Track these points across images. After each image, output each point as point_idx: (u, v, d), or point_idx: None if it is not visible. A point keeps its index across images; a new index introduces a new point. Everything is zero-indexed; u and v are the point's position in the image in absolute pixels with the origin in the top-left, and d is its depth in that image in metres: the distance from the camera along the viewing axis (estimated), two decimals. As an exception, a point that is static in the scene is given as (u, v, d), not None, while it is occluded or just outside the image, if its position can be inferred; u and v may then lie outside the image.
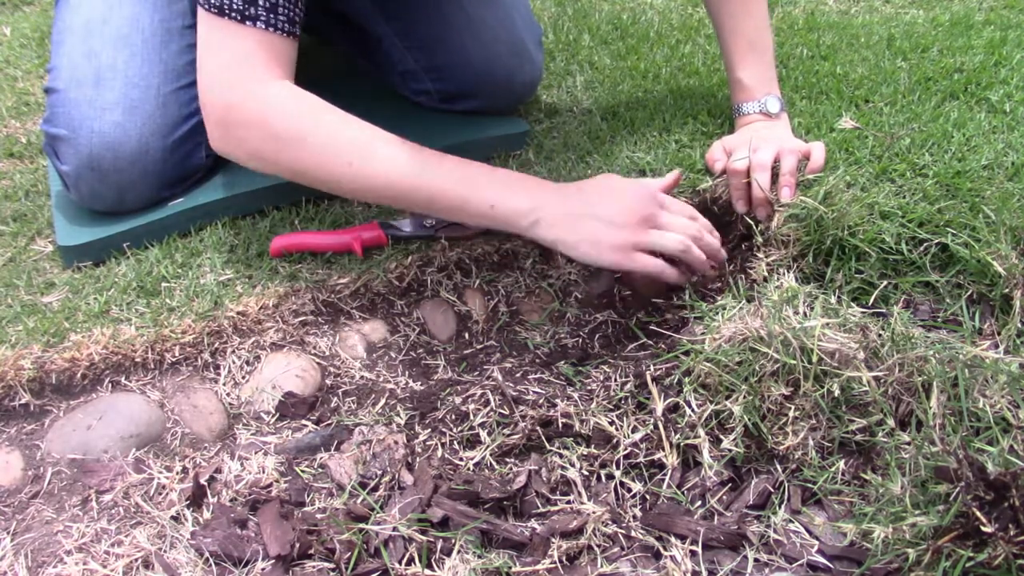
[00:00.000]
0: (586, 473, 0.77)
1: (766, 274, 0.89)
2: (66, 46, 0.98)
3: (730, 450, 0.76)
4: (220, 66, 0.86)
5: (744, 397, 0.76)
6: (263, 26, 0.85)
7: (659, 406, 0.79)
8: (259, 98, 0.85)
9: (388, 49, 1.16)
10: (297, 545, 0.70)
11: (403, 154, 0.86)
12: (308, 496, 0.76)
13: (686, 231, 0.87)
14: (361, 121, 0.87)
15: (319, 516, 0.73)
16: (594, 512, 0.72)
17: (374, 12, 1.14)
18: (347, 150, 0.86)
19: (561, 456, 0.78)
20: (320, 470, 0.79)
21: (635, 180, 0.89)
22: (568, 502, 0.75)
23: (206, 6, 0.85)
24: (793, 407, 0.74)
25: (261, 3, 0.84)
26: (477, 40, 1.12)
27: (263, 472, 0.78)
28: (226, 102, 0.86)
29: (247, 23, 0.84)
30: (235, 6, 0.83)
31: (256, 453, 0.80)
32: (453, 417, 0.83)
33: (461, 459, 0.80)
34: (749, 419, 0.75)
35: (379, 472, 0.77)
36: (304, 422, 0.84)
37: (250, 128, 0.86)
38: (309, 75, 1.35)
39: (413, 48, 1.14)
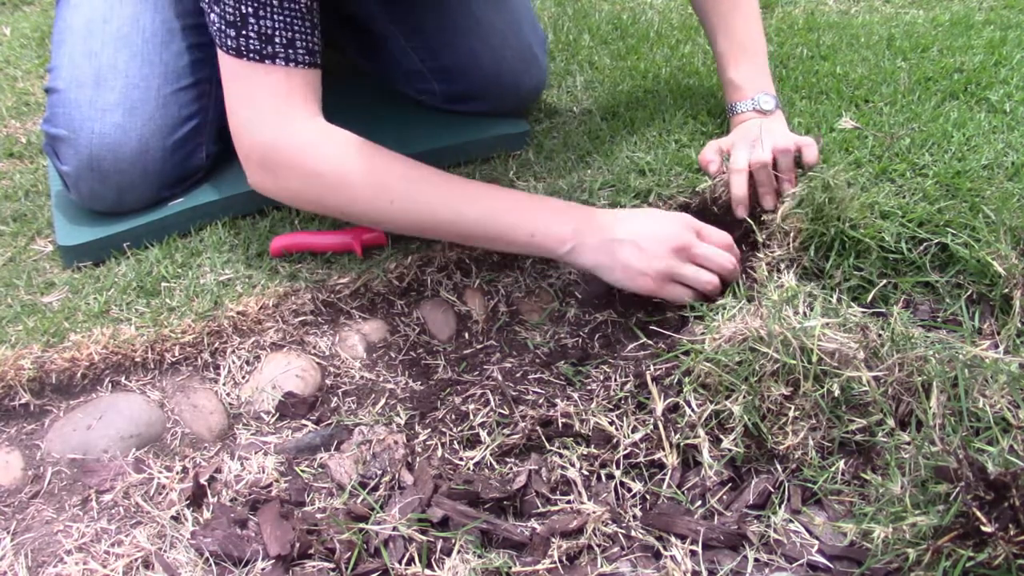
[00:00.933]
0: (586, 473, 0.77)
1: (766, 273, 0.89)
2: (67, 46, 0.97)
3: (730, 450, 0.76)
4: (247, 109, 0.86)
5: (744, 397, 0.76)
6: (283, 63, 0.84)
7: (659, 406, 0.79)
8: (293, 140, 0.85)
9: (393, 48, 1.16)
10: (297, 545, 0.70)
11: (444, 189, 0.87)
12: (308, 496, 0.76)
13: (721, 267, 0.88)
14: (398, 156, 0.88)
15: (319, 516, 0.73)
16: (594, 512, 0.72)
17: (381, 13, 1.13)
18: (389, 188, 0.86)
19: (561, 456, 0.78)
20: (320, 470, 0.79)
21: (674, 213, 0.90)
22: (568, 502, 0.75)
23: (224, 48, 0.85)
24: (793, 407, 0.74)
25: (278, 40, 0.83)
26: (485, 44, 1.12)
27: (263, 472, 0.78)
28: (261, 146, 0.86)
29: (266, 62, 0.84)
30: (252, 47, 0.83)
31: (256, 453, 0.80)
32: (453, 417, 0.83)
33: (461, 459, 0.80)
34: (749, 419, 0.75)
35: (379, 472, 0.77)
36: (304, 422, 0.84)
37: (290, 170, 0.86)
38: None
39: (419, 49, 1.14)
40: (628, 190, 1.01)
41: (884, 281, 0.88)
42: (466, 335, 0.95)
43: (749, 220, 0.96)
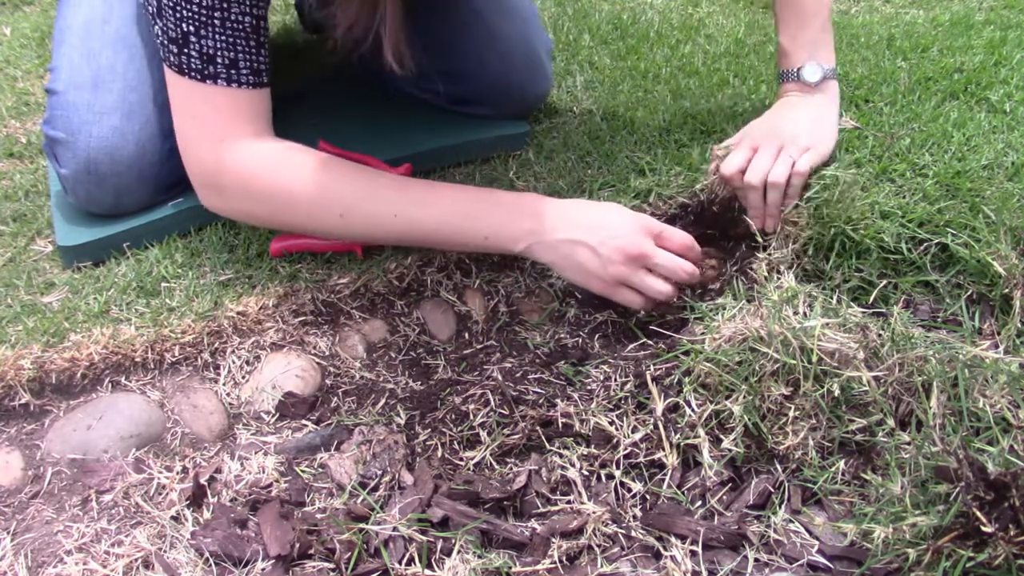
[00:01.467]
0: (586, 473, 0.77)
1: (766, 274, 0.89)
2: (66, 46, 0.97)
3: (730, 450, 0.76)
4: (190, 128, 0.85)
5: (744, 397, 0.76)
6: (224, 83, 0.83)
7: (659, 406, 0.79)
8: (237, 162, 0.84)
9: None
10: (297, 545, 0.70)
11: (394, 197, 0.86)
12: (308, 496, 0.76)
13: (677, 277, 0.86)
14: (348, 166, 0.87)
15: (319, 516, 0.73)
16: (594, 512, 0.72)
17: None
18: (338, 202, 0.85)
19: (561, 456, 0.78)
20: (320, 470, 0.79)
21: (636, 214, 0.88)
22: (568, 502, 0.75)
23: (167, 63, 0.83)
24: (793, 407, 0.74)
25: (220, 61, 0.82)
26: (494, 51, 1.12)
27: (263, 472, 0.78)
28: (204, 167, 0.86)
29: (208, 82, 0.83)
30: (194, 65, 0.82)
31: (256, 453, 0.80)
32: (453, 417, 0.83)
33: (461, 459, 0.80)
34: (749, 419, 0.75)
35: (379, 472, 0.77)
36: (304, 422, 0.84)
37: (236, 191, 0.86)
38: (312, 73, 1.35)
39: (427, 49, 1.14)
40: (628, 190, 1.01)
41: (884, 281, 0.88)
42: (466, 335, 0.95)
43: (749, 219, 0.96)
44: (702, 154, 1.05)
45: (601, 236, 0.85)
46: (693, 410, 0.78)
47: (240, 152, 0.85)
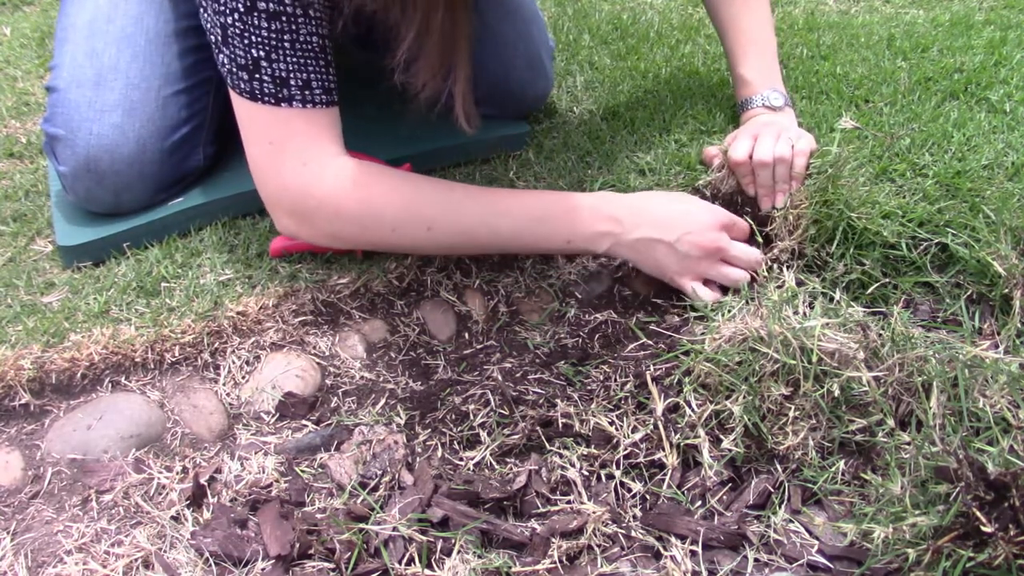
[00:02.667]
0: (586, 473, 0.77)
1: (767, 271, 0.89)
2: (69, 44, 0.97)
3: (730, 450, 0.76)
4: (269, 154, 0.83)
5: (744, 397, 0.76)
6: (300, 105, 0.82)
7: (659, 406, 0.79)
8: (323, 182, 0.83)
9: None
10: (297, 545, 0.70)
11: (476, 207, 0.87)
12: (308, 496, 0.76)
13: (750, 266, 0.90)
14: (427, 180, 0.88)
15: (319, 516, 0.73)
16: (594, 512, 0.72)
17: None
18: (423, 217, 0.86)
19: (561, 456, 0.78)
20: (320, 470, 0.79)
21: (711, 207, 0.91)
22: (568, 502, 0.75)
23: (237, 91, 0.82)
24: (793, 407, 0.74)
25: (293, 83, 0.81)
26: (495, 52, 1.12)
27: (263, 472, 0.78)
28: (289, 194, 0.84)
29: (283, 105, 0.81)
30: (267, 90, 0.81)
31: (256, 453, 0.80)
32: (453, 417, 0.83)
33: (461, 459, 0.80)
34: (749, 419, 0.75)
35: (379, 472, 0.77)
36: (304, 422, 0.84)
37: (323, 213, 0.85)
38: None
39: None
40: (628, 190, 1.01)
41: (885, 280, 0.88)
42: (466, 335, 0.95)
43: (750, 220, 0.96)
44: (701, 154, 1.05)
45: (678, 232, 0.87)
46: (693, 410, 0.78)
47: (324, 173, 0.83)
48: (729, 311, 0.82)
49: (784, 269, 0.89)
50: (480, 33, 1.11)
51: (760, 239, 0.95)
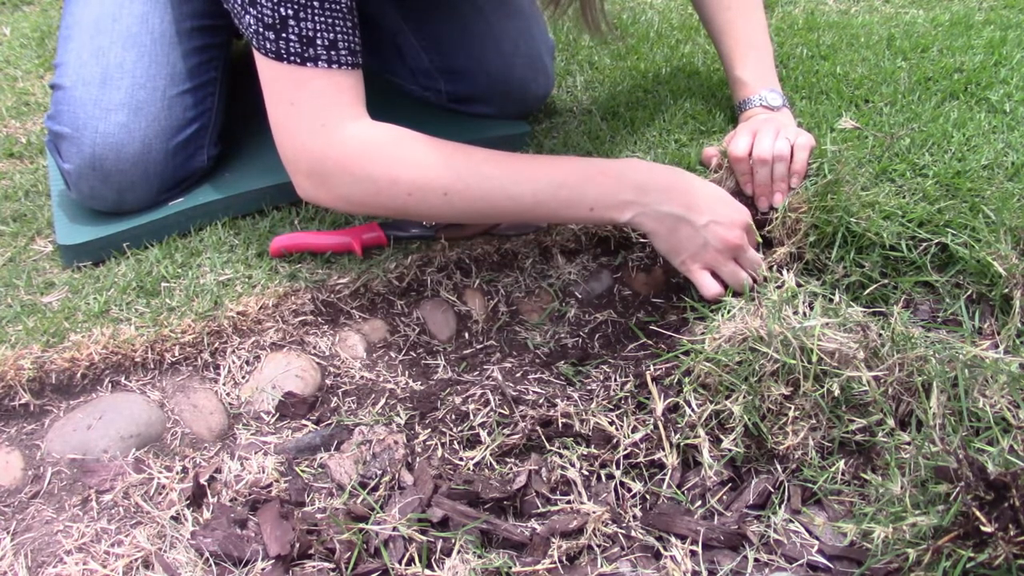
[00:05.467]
0: (586, 473, 0.77)
1: (766, 273, 0.89)
2: (74, 42, 0.97)
3: (730, 450, 0.76)
4: (291, 115, 0.83)
5: (744, 397, 0.76)
6: (326, 65, 0.81)
7: (659, 406, 0.79)
8: (341, 143, 0.83)
9: (402, 44, 1.15)
10: (297, 545, 0.70)
11: (497, 172, 0.85)
12: (308, 496, 0.76)
13: (756, 269, 0.89)
14: (447, 144, 0.86)
15: (319, 516, 0.73)
16: (594, 512, 0.72)
17: (393, 10, 1.13)
18: (441, 182, 0.84)
19: (561, 456, 0.78)
20: (320, 470, 0.79)
21: (738, 204, 0.90)
22: (568, 502, 0.75)
23: (262, 51, 0.82)
24: (793, 407, 0.74)
25: (320, 42, 0.81)
26: (496, 50, 1.12)
27: (263, 472, 0.78)
28: (308, 155, 0.84)
29: (308, 65, 0.81)
30: (293, 49, 0.80)
31: (256, 453, 0.80)
32: (453, 417, 0.83)
33: (461, 459, 0.80)
34: (749, 419, 0.75)
35: (379, 472, 0.77)
36: (304, 422, 0.84)
37: (340, 176, 0.84)
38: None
39: (429, 48, 1.14)
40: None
41: (884, 281, 0.88)
42: (466, 335, 0.95)
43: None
44: (700, 153, 1.05)
45: (706, 218, 0.86)
46: (693, 410, 0.78)
47: (344, 135, 0.83)
48: (729, 311, 0.82)
49: (784, 270, 0.89)
50: (481, 32, 1.11)
51: (760, 239, 0.95)
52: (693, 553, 0.70)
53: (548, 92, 1.20)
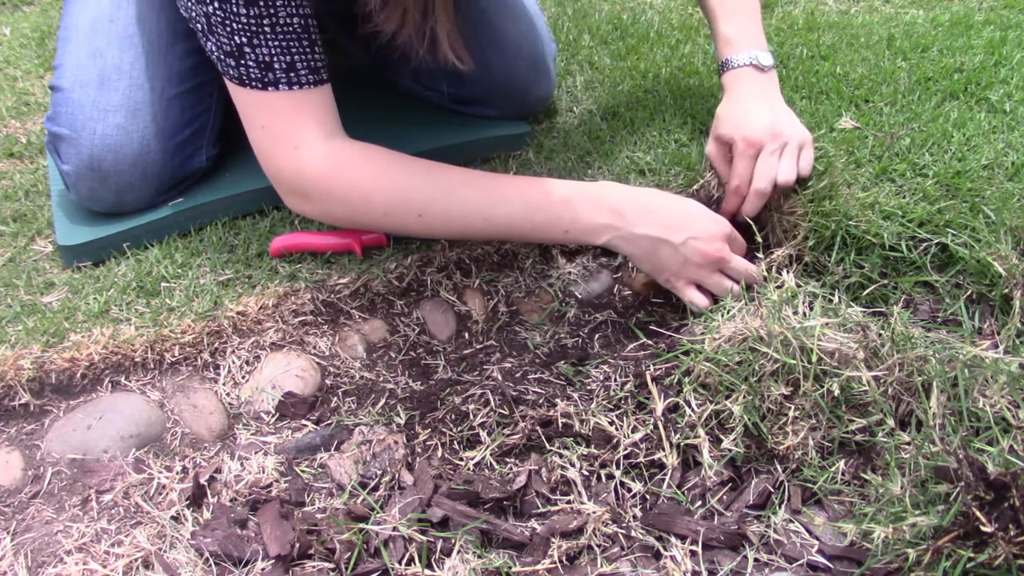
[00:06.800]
0: (586, 473, 0.77)
1: (766, 274, 0.89)
2: (72, 43, 0.97)
3: (730, 450, 0.76)
4: (263, 137, 0.85)
5: (744, 397, 0.76)
6: (286, 87, 0.82)
7: (659, 406, 0.79)
8: (312, 164, 0.84)
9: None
10: (297, 545, 0.70)
11: (471, 194, 0.86)
12: (308, 496, 0.76)
13: (746, 278, 0.89)
14: (420, 164, 0.87)
15: (319, 516, 0.73)
16: (594, 512, 0.72)
17: None
18: (414, 202, 0.85)
19: (561, 456, 0.78)
20: (320, 470, 0.79)
21: (715, 216, 0.89)
22: (568, 502, 0.75)
23: (227, 77, 0.84)
24: (793, 407, 0.74)
25: (277, 66, 0.82)
26: (499, 53, 1.12)
27: (263, 472, 0.78)
28: (286, 174, 0.86)
29: (270, 89, 0.82)
30: (253, 75, 0.82)
31: (256, 453, 0.80)
32: (453, 417, 0.83)
33: (461, 459, 0.80)
34: (749, 419, 0.75)
35: (379, 472, 0.77)
36: (304, 422, 0.84)
37: (319, 194, 0.86)
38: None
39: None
40: (628, 190, 1.01)
41: (884, 281, 0.88)
42: (466, 335, 0.95)
43: (750, 220, 0.96)
44: (701, 153, 1.05)
45: (684, 236, 0.86)
46: (693, 410, 0.78)
47: (315, 156, 0.84)
48: (729, 311, 0.82)
49: (783, 271, 0.89)
50: (484, 35, 1.11)
51: (759, 239, 0.95)
52: (693, 553, 0.70)
53: (550, 94, 1.20)
